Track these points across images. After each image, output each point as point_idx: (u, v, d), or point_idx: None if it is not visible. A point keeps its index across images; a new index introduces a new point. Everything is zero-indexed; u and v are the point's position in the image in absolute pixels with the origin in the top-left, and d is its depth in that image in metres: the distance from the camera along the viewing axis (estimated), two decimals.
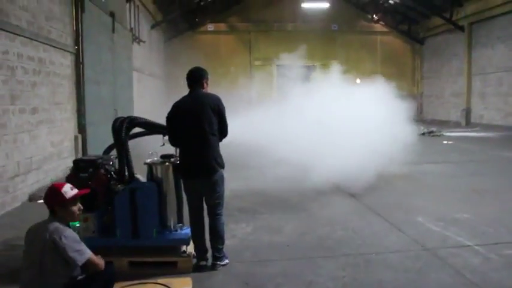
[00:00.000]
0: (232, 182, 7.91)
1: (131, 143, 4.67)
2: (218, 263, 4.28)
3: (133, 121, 4.69)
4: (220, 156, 4.26)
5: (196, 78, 4.31)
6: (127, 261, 4.33)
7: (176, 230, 4.59)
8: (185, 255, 4.38)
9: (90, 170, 4.62)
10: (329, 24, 24.55)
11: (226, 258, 4.36)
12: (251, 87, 24.82)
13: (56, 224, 3.06)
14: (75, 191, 3.21)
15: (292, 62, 22.91)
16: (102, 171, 4.67)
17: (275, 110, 14.55)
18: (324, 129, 10.50)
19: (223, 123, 4.28)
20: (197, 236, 4.34)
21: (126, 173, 4.63)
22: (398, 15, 25.10)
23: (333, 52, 23.59)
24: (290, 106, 13.73)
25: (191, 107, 4.19)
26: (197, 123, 4.12)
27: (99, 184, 4.55)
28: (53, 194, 3.16)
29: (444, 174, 9.09)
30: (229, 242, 5.06)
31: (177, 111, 4.24)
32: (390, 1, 23.83)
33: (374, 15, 25.55)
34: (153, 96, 18.78)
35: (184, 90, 4.41)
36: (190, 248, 4.45)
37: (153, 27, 18.61)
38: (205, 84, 4.34)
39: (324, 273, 4.19)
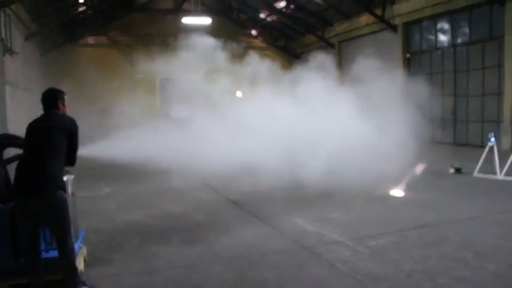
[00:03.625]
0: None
1: None
2: None
3: (7, 139, 4.53)
4: (61, 180, 4.00)
5: (48, 100, 4.14)
6: (8, 284, 4.13)
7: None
8: None
9: None
10: (210, 39, 25.04)
11: (86, 285, 4.06)
12: (135, 101, 24.40)
13: None
14: None
15: (175, 75, 23.10)
16: None
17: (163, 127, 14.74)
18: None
19: (73, 149, 4.10)
20: (31, 267, 3.97)
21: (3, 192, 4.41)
22: (276, 32, 26.55)
23: (215, 65, 24.08)
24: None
25: (39, 127, 4.01)
26: (41, 142, 3.91)
27: None
28: None
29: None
30: (117, 256, 5.09)
31: (28, 130, 4.04)
32: (268, 19, 25.14)
33: (253, 31, 26.75)
34: (30, 112, 17.48)
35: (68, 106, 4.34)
36: (78, 264, 4.35)
37: (27, 38, 17.41)
38: (60, 106, 4.17)
39: (212, 277, 4.39)
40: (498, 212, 6.63)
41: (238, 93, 24.32)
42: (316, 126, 10.13)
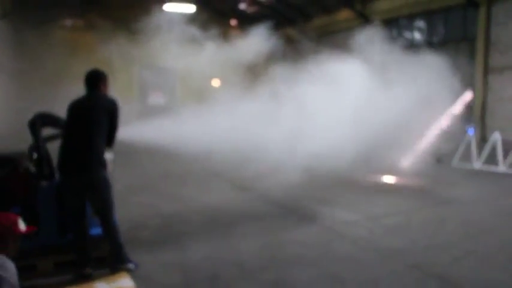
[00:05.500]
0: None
1: None
2: (120, 265, 4.18)
3: (45, 117, 4.64)
4: (104, 158, 4.14)
5: (90, 80, 4.29)
6: (53, 261, 4.21)
7: None
8: None
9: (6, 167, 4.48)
10: (191, 28, 25.00)
11: (131, 262, 4.24)
12: (112, 87, 24.08)
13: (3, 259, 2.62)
14: (23, 224, 2.80)
15: (154, 62, 23.02)
16: (20, 168, 4.56)
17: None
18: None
19: (114, 129, 4.23)
20: (78, 243, 4.18)
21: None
22: (255, 23, 26.79)
23: (193, 54, 24.07)
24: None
25: (83, 106, 4.17)
26: (86, 122, 4.08)
27: (17, 182, 4.45)
28: (10, 224, 2.72)
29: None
30: (146, 234, 5.33)
31: (69, 109, 4.21)
32: (248, 10, 25.37)
33: (232, 22, 26.87)
34: (4, 93, 17.16)
35: (39, 88, 4.36)
36: None
37: (2, 17, 16.91)
38: (102, 86, 4.32)
39: (247, 254, 4.68)
40: (484, 196, 7.38)
41: (216, 82, 24.51)
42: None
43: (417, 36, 17.10)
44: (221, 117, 12.63)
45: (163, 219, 6.00)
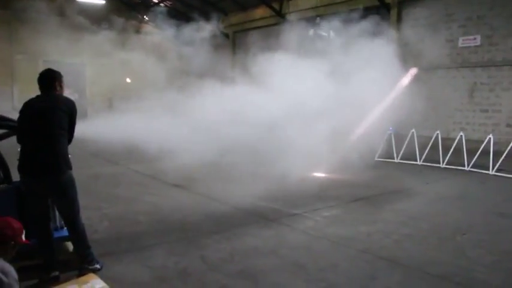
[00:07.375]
0: None
1: None
2: (86, 266, 4.18)
3: None
4: (68, 157, 4.10)
5: (46, 81, 4.16)
6: (17, 267, 4.12)
7: (62, 228, 4.58)
8: None
9: None
10: (100, 21, 23.92)
11: (98, 262, 4.26)
12: (13, 84, 22.50)
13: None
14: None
15: (60, 57, 21.80)
16: None
17: None
18: None
19: (72, 129, 4.20)
20: (44, 248, 4.13)
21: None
22: (169, 18, 26.37)
23: (103, 50, 23.04)
24: None
25: (41, 107, 4.01)
26: (46, 122, 3.95)
27: None
28: (16, 229, 2.83)
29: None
30: (97, 237, 5.25)
31: (26, 110, 4.06)
32: (161, 4, 24.95)
33: (145, 16, 26.23)
34: None
35: None
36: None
37: None
38: (58, 87, 4.19)
39: (206, 248, 4.89)
40: (407, 187, 8.19)
41: (128, 79, 23.86)
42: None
43: (333, 35, 18.06)
44: (137, 115, 12.46)
45: (111, 222, 5.92)
